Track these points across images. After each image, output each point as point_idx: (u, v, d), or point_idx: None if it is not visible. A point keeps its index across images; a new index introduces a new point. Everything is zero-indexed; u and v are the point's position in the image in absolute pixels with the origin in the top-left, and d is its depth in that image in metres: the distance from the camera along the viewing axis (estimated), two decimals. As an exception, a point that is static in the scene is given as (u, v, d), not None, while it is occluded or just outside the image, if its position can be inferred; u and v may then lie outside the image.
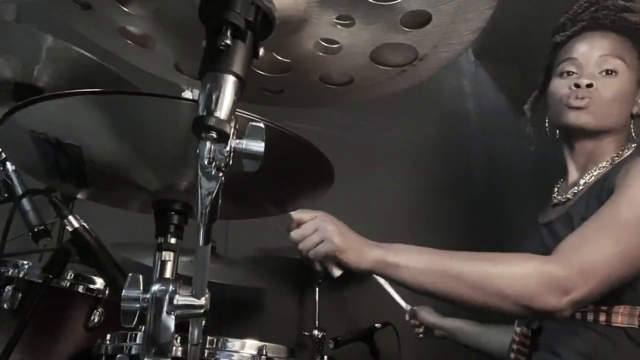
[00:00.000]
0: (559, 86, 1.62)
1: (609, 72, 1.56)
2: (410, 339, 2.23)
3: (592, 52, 1.58)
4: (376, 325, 2.19)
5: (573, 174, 1.67)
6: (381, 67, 0.88)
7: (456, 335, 1.97)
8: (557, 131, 1.69)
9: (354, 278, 2.64)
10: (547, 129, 1.74)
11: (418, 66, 0.87)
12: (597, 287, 1.25)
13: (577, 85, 1.54)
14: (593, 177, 1.57)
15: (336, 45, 0.85)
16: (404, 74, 0.89)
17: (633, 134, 1.63)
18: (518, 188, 2.90)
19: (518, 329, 1.55)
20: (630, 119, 1.62)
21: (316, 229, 1.34)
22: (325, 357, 1.41)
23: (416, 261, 1.31)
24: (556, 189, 1.73)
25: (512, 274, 1.26)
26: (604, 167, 1.57)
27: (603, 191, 1.44)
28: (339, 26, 0.80)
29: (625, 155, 1.57)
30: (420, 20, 0.78)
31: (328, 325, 2.14)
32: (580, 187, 1.58)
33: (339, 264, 1.37)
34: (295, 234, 1.36)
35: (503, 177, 3.01)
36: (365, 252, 1.32)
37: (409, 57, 0.86)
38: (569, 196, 1.60)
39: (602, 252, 1.27)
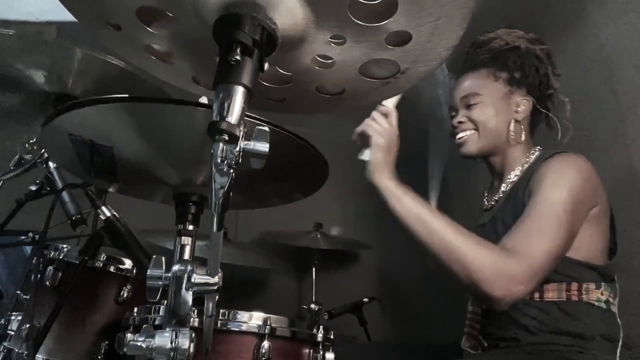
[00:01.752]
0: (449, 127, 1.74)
1: (471, 105, 1.64)
2: (393, 311, 2.24)
3: (457, 97, 1.70)
4: (364, 299, 2.20)
5: (495, 182, 1.71)
6: (369, 79, 0.88)
7: None
8: None
9: (345, 262, 2.65)
10: None
11: (400, 78, 0.87)
12: (537, 283, 1.27)
13: (454, 126, 1.69)
14: (509, 185, 1.59)
15: (330, 61, 0.85)
16: (388, 85, 0.89)
17: (525, 137, 1.63)
18: (485, 185, 2.90)
19: (470, 308, 1.55)
20: (519, 125, 1.62)
21: (380, 131, 1.47)
22: (321, 327, 1.40)
23: (412, 206, 1.36)
24: (486, 194, 1.75)
25: (476, 253, 1.26)
26: (517, 174, 1.59)
27: (517, 198, 1.47)
28: (332, 44, 0.80)
29: (531, 161, 1.58)
30: (402, 39, 0.78)
31: (323, 300, 2.14)
32: (501, 195, 1.61)
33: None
34: (371, 121, 1.50)
35: (472, 175, 3.01)
36: (384, 176, 1.42)
37: (393, 71, 0.86)
38: (492, 203, 1.64)
39: (540, 252, 1.27)
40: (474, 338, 1.52)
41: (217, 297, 0.94)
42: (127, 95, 0.89)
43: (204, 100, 0.96)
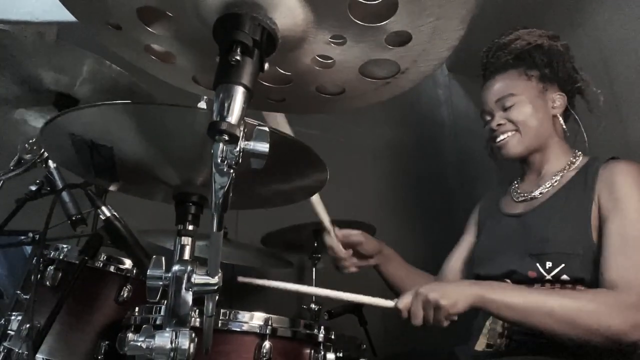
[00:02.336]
0: (486, 131, 1.72)
1: (508, 107, 1.63)
2: (393, 310, 2.23)
3: (491, 101, 1.67)
4: (364, 299, 2.19)
5: (531, 175, 1.70)
6: (369, 79, 0.88)
7: (382, 254, 1.80)
8: None
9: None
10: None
11: (400, 78, 0.87)
12: None
13: (493, 130, 1.66)
14: (557, 180, 1.58)
15: (330, 61, 0.85)
16: (388, 85, 0.89)
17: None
18: (484, 183, 2.91)
19: None
20: (558, 120, 1.64)
21: (423, 306, 1.32)
22: (322, 327, 1.40)
23: (511, 298, 1.29)
24: (516, 184, 1.74)
25: (598, 312, 1.22)
26: (563, 169, 1.59)
27: (576, 198, 1.46)
28: (332, 44, 0.80)
29: (581, 162, 1.58)
30: (402, 39, 0.78)
31: (323, 300, 2.14)
32: (548, 188, 1.59)
33: None
34: (415, 320, 1.34)
35: (471, 173, 3.02)
36: (463, 294, 1.31)
37: (393, 71, 0.86)
38: (535, 194, 1.61)
39: None
40: (502, 337, 1.49)
41: (217, 297, 0.94)
42: (128, 102, 0.89)
43: (202, 105, 0.96)
